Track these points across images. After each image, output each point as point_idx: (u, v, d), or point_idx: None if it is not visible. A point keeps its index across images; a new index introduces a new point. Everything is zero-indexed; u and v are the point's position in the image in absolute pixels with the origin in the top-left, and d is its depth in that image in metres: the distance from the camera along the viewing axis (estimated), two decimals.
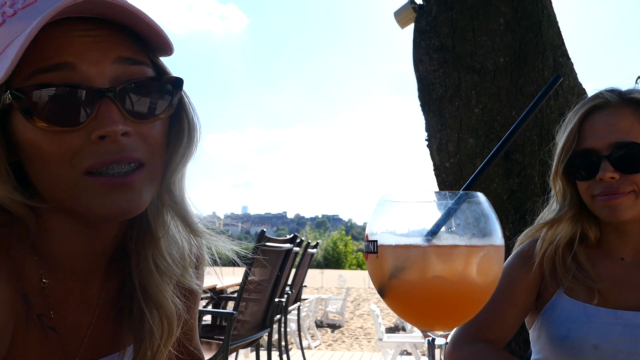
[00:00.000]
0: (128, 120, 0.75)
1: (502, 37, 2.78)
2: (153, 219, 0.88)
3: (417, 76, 3.09)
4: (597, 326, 1.24)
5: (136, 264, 0.89)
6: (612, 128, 1.26)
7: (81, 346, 0.90)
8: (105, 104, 0.73)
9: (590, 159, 1.27)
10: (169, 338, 0.92)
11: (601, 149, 1.25)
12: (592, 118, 1.30)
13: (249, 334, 3.83)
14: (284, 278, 4.47)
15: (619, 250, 1.34)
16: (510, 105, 2.73)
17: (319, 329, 12.20)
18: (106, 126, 0.72)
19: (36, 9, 0.73)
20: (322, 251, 70.97)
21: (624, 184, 1.23)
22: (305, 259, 6.02)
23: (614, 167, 1.23)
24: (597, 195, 1.26)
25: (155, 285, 0.89)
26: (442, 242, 0.61)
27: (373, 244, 0.64)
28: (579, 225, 1.35)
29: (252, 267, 3.60)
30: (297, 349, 6.98)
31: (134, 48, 0.78)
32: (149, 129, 0.78)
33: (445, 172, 2.93)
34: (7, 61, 0.69)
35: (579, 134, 1.31)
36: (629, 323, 1.22)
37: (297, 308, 6.53)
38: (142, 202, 0.78)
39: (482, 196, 0.64)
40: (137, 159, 0.76)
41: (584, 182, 1.29)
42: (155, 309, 0.90)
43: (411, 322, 0.67)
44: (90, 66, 0.73)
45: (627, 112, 1.27)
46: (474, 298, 0.64)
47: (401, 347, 7.29)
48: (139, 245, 0.89)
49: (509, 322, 1.36)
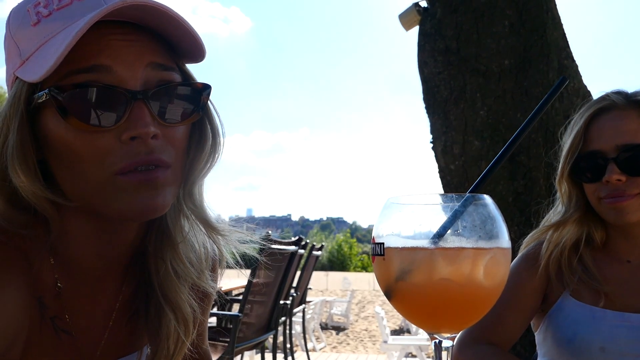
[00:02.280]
0: (157, 123, 0.77)
1: (506, 40, 2.78)
2: (172, 224, 0.89)
3: (421, 78, 3.09)
4: (603, 328, 1.23)
5: (155, 268, 0.91)
6: (619, 130, 1.26)
7: (98, 349, 0.91)
8: (137, 106, 0.75)
9: (596, 161, 1.27)
10: (186, 339, 0.93)
11: (608, 151, 1.25)
12: (599, 120, 1.30)
13: (254, 336, 3.83)
14: (288, 280, 4.47)
15: (625, 253, 1.34)
16: (515, 108, 2.73)
17: (324, 331, 12.18)
18: (138, 128, 0.74)
19: (71, 12, 0.76)
20: (327, 253, 70.95)
21: (630, 187, 1.23)
22: (310, 261, 6.02)
23: (620, 169, 1.23)
24: (603, 197, 1.26)
25: (174, 288, 0.91)
26: (449, 245, 0.61)
27: (380, 246, 0.64)
28: (584, 227, 1.35)
29: (257, 270, 3.60)
30: (302, 351, 6.97)
31: (165, 54, 0.81)
32: (175, 133, 0.80)
33: (450, 174, 2.93)
34: (49, 60, 0.71)
35: (585, 136, 1.31)
36: (636, 325, 1.22)
37: (302, 310, 6.53)
38: (166, 202, 0.80)
39: (488, 198, 0.64)
40: (164, 162, 0.78)
41: (590, 184, 1.29)
42: (173, 311, 0.91)
43: (418, 324, 0.67)
44: (125, 69, 0.75)
45: (634, 114, 1.27)
46: (481, 300, 0.64)
47: (406, 349, 7.26)
48: (158, 249, 0.90)
49: (515, 324, 1.35)
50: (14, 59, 0.79)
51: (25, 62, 0.77)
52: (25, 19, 0.78)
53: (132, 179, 0.75)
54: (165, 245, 0.90)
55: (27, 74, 0.75)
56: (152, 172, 0.76)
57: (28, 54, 0.77)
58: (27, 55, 0.77)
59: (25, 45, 0.77)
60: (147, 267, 0.92)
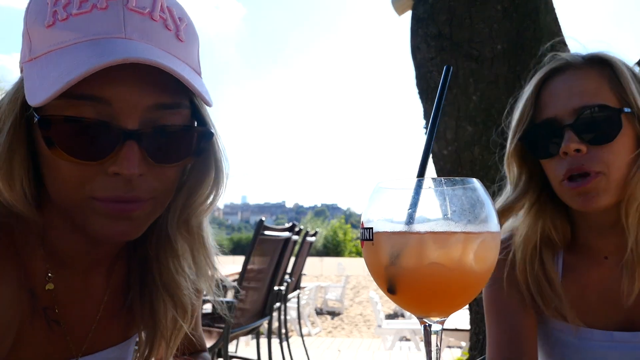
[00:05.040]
0: (148, 162, 0.75)
1: (499, 24, 2.77)
2: (173, 237, 0.89)
3: (414, 64, 3.07)
4: (593, 352, 1.07)
5: (157, 266, 0.91)
6: (575, 91, 1.03)
7: (86, 339, 0.91)
8: (129, 145, 0.73)
9: (551, 130, 1.04)
10: (183, 327, 0.95)
11: (564, 117, 1.03)
12: (552, 82, 1.08)
13: (249, 322, 3.85)
14: (283, 267, 4.48)
15: (600, 249, 1.11)
16: (508, 93, 2.73)
17: (319, 316, 12.27)
18: (124, 168, 0.73)
19: (88, 23, 0.72)
20: (322, 239, 71.26)
21: (591, 162, 1.00)
22: (304, 247, 6.04)
23: (579, 137, 1.00)
24: (563, 179, 1.03)
25: (175, 282, 0.92)
26: (439, 229, 0.61)
27: (369, 231, 0.64)
28: (541, 222, 1.12)
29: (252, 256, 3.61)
30: (297, 336, 7.02)
31: (174, 90, 0.77)
32: (165, 171, 0.79)
33: (443, 159, 2.93)
34: (47, 88, 0.67)
35: (537, 102, 1.08)
36: (628, 345, 1.05)
37: (296, 296, 6.57)
38: (139, 230, 0.80)
39: (477, 182, 0.64)
40: (144, 198, 0.77)
41: (548, 160, 1.06)
42: (173, 301, 0.92)
43: (407, 308, 0.67)
44: (125, 107, 0.73)
45: (592, 72, 1.05)
46: (470, 284, 0.64)
47: (400, 333, 7.34)
48: (160, 253, 0.91)
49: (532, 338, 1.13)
50: (25, 49, 0.77)
51: (33, 60, 0.74)
52: (41, 16, 0.74)
53: (108, 207, 0.75)
54: (167, 250, 0.90)
55: (27, 93, 0.71)
56: (129, 204, 0.75)
57: (37, 54, 0.74)
58: (36, 54, 0.74)
59: (37, 42, 0.75)
60: (147, 264, 0.92)
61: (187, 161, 0.81)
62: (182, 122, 0.79)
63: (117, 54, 0.68)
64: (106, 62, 0.67)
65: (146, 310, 0.93)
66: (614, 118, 1.00)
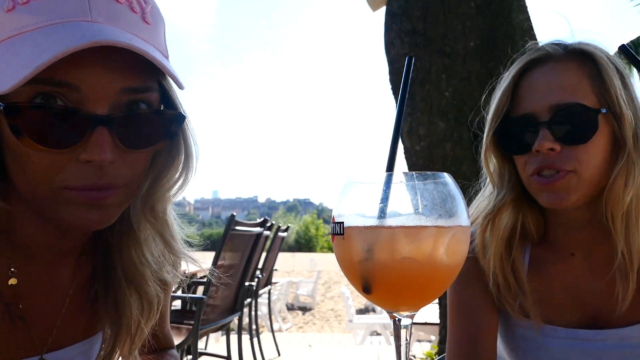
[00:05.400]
0: (119, 148, 0.73)
1: (472, 21, 2.79)
2: (136, 223, 0.87)
3: (388, 59, 3.08)
4: (555, 349, 1.06)
5: (119, 256, 0.89)
6: (554, 86, 1.00)
7: (51, 335, 0.89)
8: (99, 131, 0.70)
9: (526, 126, 1.01)
10: (149, 321, 0.93)
11: (540, 114, 1.00)
12: (531, 75, 1.04)
13: (219, 318, 3.82)
14: (254, 262, 4.46)
15: (568, 245, 1.10)
16: (480, 89, 2.75)
17: (290, 312, 12.28)
18: (95, 154, 0.70)
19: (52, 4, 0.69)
20: (294, 234, 71.40)
21: (564, 160, 0.98)
22: (276, 242, 6.02)
23: (554, 136, 0.97)
24: (532, 174, 1.01)
25: (138, 273, 0.89)
26: (410, 223, 0.61)
27: (339, 225, 0.63)
28: (519, 215, 1.09)
29: (222, 252, 3.57)
30: (268, 331, 7.00)
31: (144, 74, 0.75)
32: (137, 157, 0.76)
33: (415, 155, 2.95)
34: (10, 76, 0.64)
35: (514, 95, 1.05)
36: (590, 344, 1.05)
37: (268, 291, 6.54)
38: (111, 218, 0.78)
39: (448, 177, 0.63)
40: (117, 185, 0.75)
41: (520, 156, 1.04)
42: (138, 293, 0.90)
43: (378, 303, 0.66)
44: (94, 92, 0.70)
45: (573, 67, 1.01)
46: (441, 278, 0.64)
47: (371, 328, 7.40)
48: (122, 242, 0.88)
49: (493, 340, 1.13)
50: None
51: None
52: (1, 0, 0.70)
53: (80, 195, 0.72)
54: (130, 239, 0.88)
55: None
56: (102, 192, 0.73)
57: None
58: None
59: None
60: (110, 255, 0.90)
61: (158, 146, 0.79)
62: (153, 105, 0.77)
63: (86, 37, 0.66)
64: (76, 45, 0.64)
65: (110, 303, 0.91)
66: (590, 119, 0.98)
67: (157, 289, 0.92)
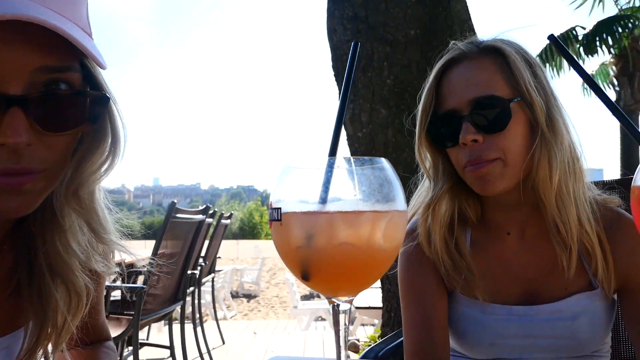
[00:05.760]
0: (36, 131, 0.68)
1: (413, 10, 2.83)
2: (59, 210, 0.83)
3: (330, 46, 3.08)
4: (493, 325, 1.15)
5: (42, 245, 0.84)
6: (470, 82, 1.09)
7: None
8: (13, 112, 0.66)
9: (452, 121, 1.10)
10: (77, 313, 0.88)
11: (461, 108, 1.09)
12: (450, 74, 1.13)
13: (160, 307, 3.74)
14: (196, 250, 4.39)
15: (504, 225, 1.19)
16: (420, 77, 2.81)
17: (235, 300, 12.21)
18: (8, 137, 0.66)
19: None
20: (238, 222, 70.83)
21: (488, 150, 1.06)
22: (219, 230, 5.94)
23: (475, 127, 1.06)
24: (465, 165, 1.10)
25: (64, 263, 0.85)
26: (348, 208, 0.61)
27: (277, 211, 0.62)
28: (456, 201, 1.18)
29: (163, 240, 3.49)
30: (212, 320, 6.93)
31: (63, 52, 0.70)
32: (57, 140, 0.72)
33: (357, 141, 2.97)
34: None
35: (438, 93, 1.14)
36: (524, 319, 1.13)
37: (211, 280, 6.47)
38: (31, 205, 0.74)
39: (386, 162, 0.64)
40: (35, 169, 0.70)
41: (451, 149, 1.13)
42: (64, 284, 0.86)
43: (316, 289, 0.66)
44: (8, 70, 0.65)
45: (486, 63, 1.10)
46: (379, 263, 0.65)
47: (315, 313, 7.48)
48: (45, 230, 0.84)
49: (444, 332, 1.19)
50: None
51: None
52: None
53: None
54: (54, 227, 0.84)
55: None
56: (18, 178, 0.69)
57: None
58: None
59: None
60: (33, 244, 0.85)
61: (81, 129, 0.75)
62: (74, 86, 0.73)
63: (3, 10, 0.61)
64: None
65: (34, 296, 0.86)
66: (504, 108, 1.07)
67: (87, 279, 0.88)
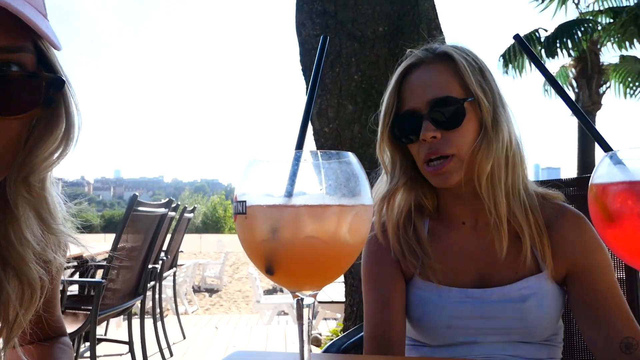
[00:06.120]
0: None
1: (382, 7, 2.84)
2: (12, 198, 0.79)
3: (299, 40, 3.06)
4: (449, 307, 1.22)
5: None
6: (428, 85, 1.21)
7: None
8: None
9: (412, 120, 1.21)
10: (30, 307, 0.85)
11: (421, 108, 1.20)
12: (410, 77, 1.25)
13: (119, 302, 3.65)
14: (158, 244, 4.30)
15: (459, 215, 1.29)
16: (387, 74, 2.83)
17: (197, 294, 12.07)
18: None
19: None
20: (202, 215, 69.98)
21: (445, 146, 1.18)
22: (182, 224, 5.85)
23: (434, 125, 1.18)
24: (424, 161, 1.21)
25: (17, 254, 0.81)
26: (314, 202, 0.60)
27: (242, 204, 0.61)
28: (413, 193, 1.29)
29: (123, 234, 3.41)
30: (173, 315, 6.83)
31: (14, 31, 0.67)
32: (8, 124, 0.69)
33: (324, 136, 2.97)
34: None
35: (399, 95, 1.26)
36: (478, 301, 1.21)
37: (173, 274, 6.37)
38: None
39: (352, 156, 0.64)
40: None
41: (412, 145, 1.24)
42: (16, 277, 0.82)
43: (280, 283, 0.66)
44: None
45: (440, 67, 1.23)
46: (344, 257, 0.65)
47: (278, 307, 7.46)
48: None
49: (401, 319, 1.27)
50: None
51: None
52: None
53: None
54: (6, 215, 0.80)
55: None
56: None
57: None
58: None
59: None
60: None
61: (34, 113, 0.72)
62: (27, 68, 0.70)
63: None
64: None
65: None
66: (458, 107, 1.19)
67: (41, 271, 0.84)
